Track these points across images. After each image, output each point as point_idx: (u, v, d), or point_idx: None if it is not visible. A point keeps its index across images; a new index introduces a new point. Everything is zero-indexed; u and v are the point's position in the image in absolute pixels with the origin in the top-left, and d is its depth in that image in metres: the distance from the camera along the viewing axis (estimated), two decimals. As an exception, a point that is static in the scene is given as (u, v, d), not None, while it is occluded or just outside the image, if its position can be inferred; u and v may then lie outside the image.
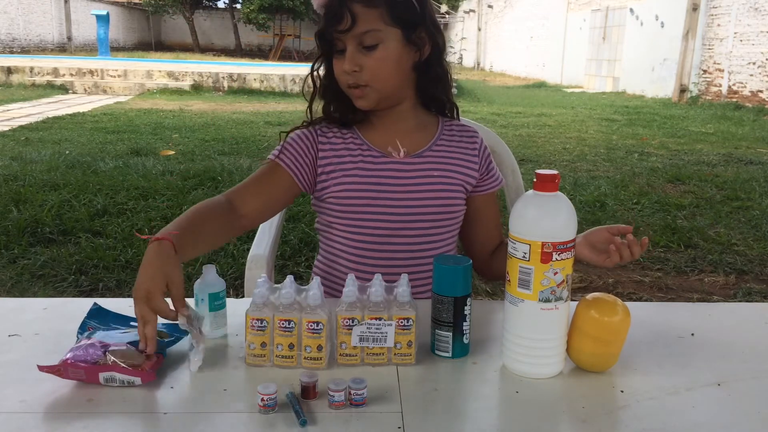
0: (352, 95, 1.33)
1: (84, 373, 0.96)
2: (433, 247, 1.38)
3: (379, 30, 1.26)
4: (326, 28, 1.28)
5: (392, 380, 1.00)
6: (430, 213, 1.36)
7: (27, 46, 22.75)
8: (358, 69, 1.28)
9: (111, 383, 0.96)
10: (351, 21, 1.24)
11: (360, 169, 1.35)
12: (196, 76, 13.49)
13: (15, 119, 8.62)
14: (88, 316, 1.12)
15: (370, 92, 1.30)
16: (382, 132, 1.38)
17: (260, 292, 1.03)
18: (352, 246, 1.38)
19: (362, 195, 1.34)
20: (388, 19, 1.27)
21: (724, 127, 9.61)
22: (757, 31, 12.10)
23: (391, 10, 1.27)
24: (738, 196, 5.23)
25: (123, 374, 0.96)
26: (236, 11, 30.60)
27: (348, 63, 1.27)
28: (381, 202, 1.34)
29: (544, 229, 0.98)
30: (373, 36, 1.26)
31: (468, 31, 29.88)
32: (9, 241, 3.68)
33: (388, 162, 1.35)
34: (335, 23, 1.26)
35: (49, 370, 0.96)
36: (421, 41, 1.31)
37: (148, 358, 0.99)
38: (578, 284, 3.33)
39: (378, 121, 1.39)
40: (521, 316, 1.01)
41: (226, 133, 7.77)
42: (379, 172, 1.35)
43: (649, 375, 1.03)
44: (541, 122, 9.85)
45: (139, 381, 0.96)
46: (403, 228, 1.35)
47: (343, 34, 1.26)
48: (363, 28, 1.25)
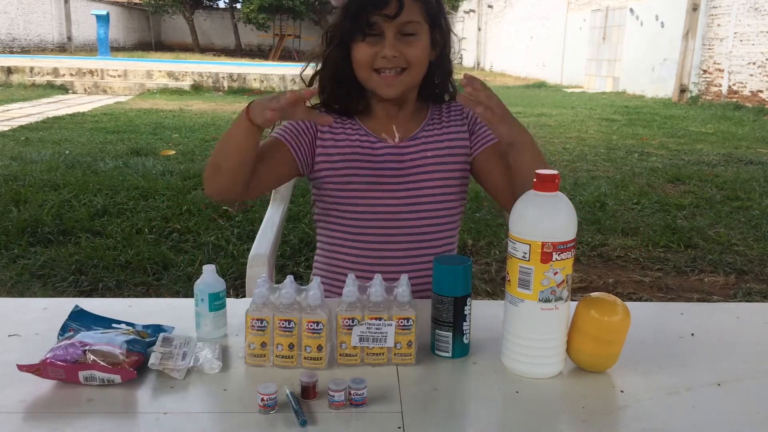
0: (378, 82, 1.35)
1: (63, 372, 0.96)
2: (435, 230, 1.41)
3: (419, 22, 1.33)
4: (367, 12, 1.30)
5: (392, 380, 1.00)
6: (428, 195, 1.40)
7: (27, 46, 22.75)
8: (398, 55, 1.31)
9: (91, 382, 0.96)
10: (399, 7, 1.29)
11: (358, 155, 1.38)
12: (196, 76, 13.49)
13: (15, 119, 8.61)
14: (70, 318, 1.12)
15: (405, 77, 1.35)
16: (380, 119, 1.43)
17: (260, 292, 1.03)
18: (352, 232, 1.40)
19: (361, 180, 1.38)
20: (425, 15, 1.34)
21: (724, 127, 9.61)
22: (757, 31, 12.09)
23: (426, 8, 1.34)
24: (738, 196, 5.23)
25: (103, 372, 0.96)
26: (236, 11, 30.59)
27: (389, 48, 1.31)
28: (379, 187, 1.38)
29: (544, 229, 0.98)
30: (414, 26, 1.33)
31: (468, 31, 29.88)
32: (9, 241, 3.68)
33: (384, 147, 1.40)
34: (380, 7, 1.29)
35: (28, 369, 0.96)
36: (440, 40, 1.39)
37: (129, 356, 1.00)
38: (578, 284, 3.33)
39: (381, 110, 1.42)
40: (521, 316, 1.01)
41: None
42: (376, 157, 1.39)
43: (649, 375, 1.04)
44: (541, 122, 9.85)
45: (119, 379, 0.96)
46: (403, 212, 1.39)
47: (389, 20, 1.30)
48: (408, 17, 1.31)
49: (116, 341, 1.02)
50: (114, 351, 0.99)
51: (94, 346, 1.00)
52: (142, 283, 3.22)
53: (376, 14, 1.30)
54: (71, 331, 1.08)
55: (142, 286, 3.20)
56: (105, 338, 1.03)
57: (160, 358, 1.01)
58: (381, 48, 1.31)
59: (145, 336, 1.08)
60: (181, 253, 3.57)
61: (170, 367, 0.99)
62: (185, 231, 3.89)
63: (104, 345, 1.01)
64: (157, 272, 3.33)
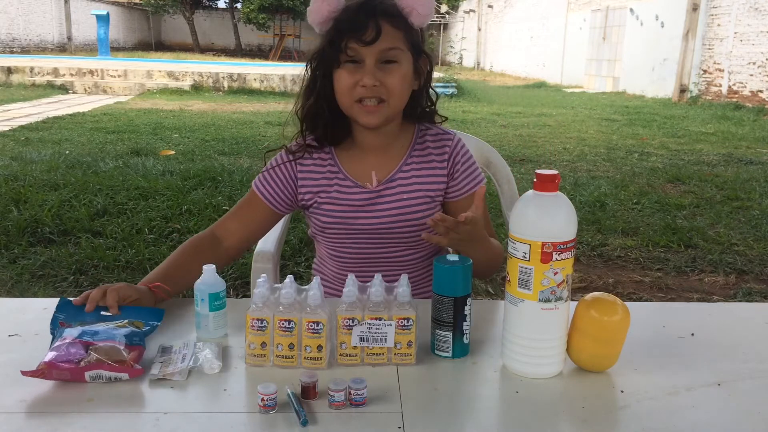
0: (359, 111, 1.33)
1: (69, 374, 0.96)
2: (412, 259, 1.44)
3: (401, 50, 1.31)
4: (344, 38, 1.28)
5: (392, 380, 1.00)
6: (402, 234, 1.41)
7: (27, 46, 22.74)
8: (378, 84, 1.29)
9: (97, 380, 0.97)
10: (376, 34, 1.27)
11: (335, 200, 1.40)
12: (196, 76, 13.49)
13: (15, 119, 8.61)
14: (57, 310, 1.12)
15: (384, 108, 1.33)
16: (360, 153, 1.42)
17: (260, 292, 1.03)
18: (335, 260, 1.47)
19: (338, 222, 1.40)
20: (407, 43, 1.32)
21: (724, 127, 9.61)
22: (757, 31, 12.09)
23: (407, 35, 1.32)
24: (738, 196, 5.23)
25: (110, 371, 0.96)
26: (236, 11, 30.58)
27: (369, 76, 1.28)
28: (356, 228, 1.40)
29: (544, 229, 0.98)
30: (395, 53, 1.30)
31: (468, 31, 29.86)
32: (9, 241, 3.68)
33: (360, 192, 1.40)
34: (358, 33, 1.27)
35: (32, 374, 0.96)
36: (422, 69, 1.37)
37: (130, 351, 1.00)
38: (578, 284, 3.33)
39: (362, 139, 1.41)
40: (521, 316, 1.01)
41: (226, 133, 7.77)
42: (352, 202, 1.40)
43: (649, 375, 1.03)
44: (541, 122, 9.85)
45: (127, 377, 0.97)
46: (378, 248, 1.43)
47: (367, 46, 1.27)
48: (388, 44, 1.29)
49: (115, 336, 1.02)
50: (117, 347, 1.00)
51: (97, 344, 1.00)
52: (142, 283, 3.22)
53: (354, 40, 1.27)
54: (62, 324, 1.08)
55: (142, 286, 3.20)
56: (104, 334, 1.03)
57: (160, 367, 1.01)
58: (361, 76, 1.29)
59: (140, 326, 1.09)
60: (181, 253, 3.56)
61: (170, 371, 0.99)
62: (185, 231, 3.89)
63: (105, 342, 1.01)
64: (157, 272, 3.33)
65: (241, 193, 4.68)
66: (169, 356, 1.04)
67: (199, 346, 1.07)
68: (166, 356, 1.04)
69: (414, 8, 1.31)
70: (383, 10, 1.29)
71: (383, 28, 1.27)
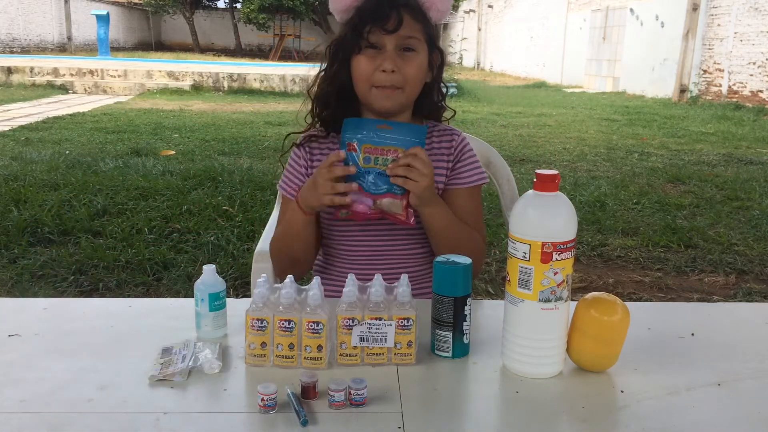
0: (376, 95, 1.36)
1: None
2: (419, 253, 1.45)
3: (419, 39, 1.36)
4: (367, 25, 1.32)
5: (392, 380, 1.00)
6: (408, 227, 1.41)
7: (27, 46, 22.74)
8: (396, 69, 1.33)
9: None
10: (398, 23, 1.32)
11: None
12: (196, 76, 13.48)
13: (15, 119, 8.61)
14: (345, 130, 1.29)
15: (400, 95, 1.37)
16: None
17: (260, 292, 1.03)
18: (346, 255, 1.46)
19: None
20: (425, 35, 1.37)
21: (724, 127, 9.61)
22: (757, 31, 12.09)
23: (425, 28, 1.37)
24: (738, 196, 5.23)
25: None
26: (236, 11, 30.55)
27: (389, 61, 1.33)
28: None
29: (544, 229, 0.98)
30: (413, 42, 1.35)
31: (468, 31, 29.85)
32: (9, 241, 3.68)
33: None
34: (380, 21, 1.32)
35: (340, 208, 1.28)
36: (435, 62, 1.41)
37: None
38: (578, 284, 3.33)
39: None
40: (521, 316, 1.01)
41: (226, 133, 7.77)
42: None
43: (649, 375, 1.03)
44: (541, 122, 9.85)
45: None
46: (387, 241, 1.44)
47: (389, 33, 1.32)
48: (408, 32, 1.34)
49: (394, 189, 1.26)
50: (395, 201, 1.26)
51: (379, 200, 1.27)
52: (143, 283, 3.22)
53: (376, 28, 1.32)
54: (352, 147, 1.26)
55: (142, 286, 3.20)
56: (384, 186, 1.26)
57: (160, 368, 1.01)
58: (381, 61, 1.33)
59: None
60: (181, 253, 3.57)
61: (170, 372, 0.99)
62: (185, 231, 3.89)
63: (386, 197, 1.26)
64: (157, 272, 3.33)
65: (241, 193, 4.70)
66: (170, 357, 1.04)
67: (199, 346, 1.07)
68: (166, 357, 1.04)
69: (434, 3, 1.38)
70: (405, 2, 1.35)
71: (404, 18, 1.33)
